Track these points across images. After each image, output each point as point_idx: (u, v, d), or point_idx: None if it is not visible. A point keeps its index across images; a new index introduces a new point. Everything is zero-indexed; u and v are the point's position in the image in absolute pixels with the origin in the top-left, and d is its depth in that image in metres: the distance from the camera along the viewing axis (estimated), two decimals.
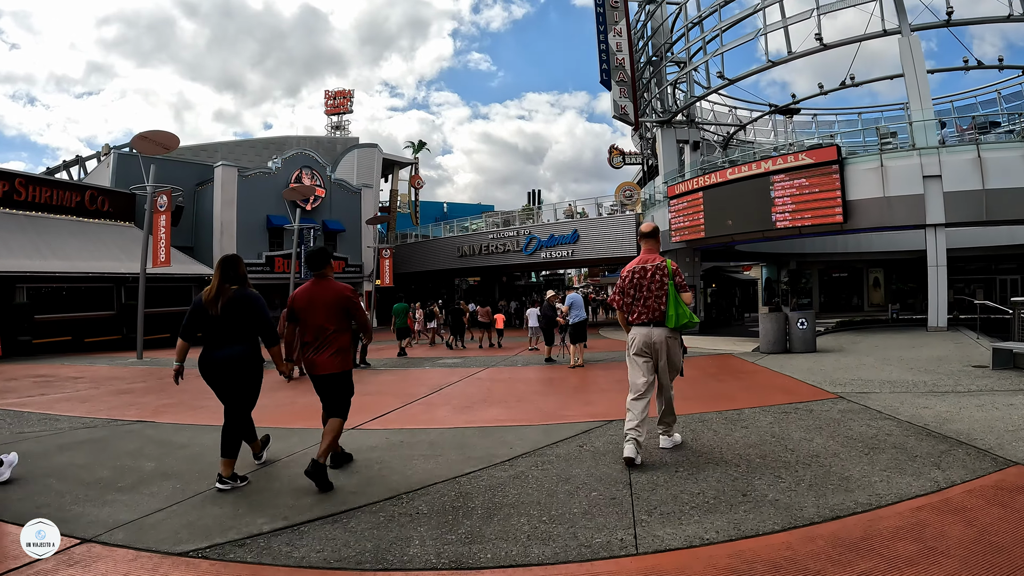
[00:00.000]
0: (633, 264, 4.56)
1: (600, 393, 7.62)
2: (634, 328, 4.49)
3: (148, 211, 15.96)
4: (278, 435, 5.36)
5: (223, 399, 4.18)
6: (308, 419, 5.93)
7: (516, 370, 10.92)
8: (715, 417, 5.83)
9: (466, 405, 6.84)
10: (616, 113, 22.87)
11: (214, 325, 4.02)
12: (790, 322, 13.03)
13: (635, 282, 4.44)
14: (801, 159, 16.91)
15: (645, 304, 4.41)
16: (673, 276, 4.41)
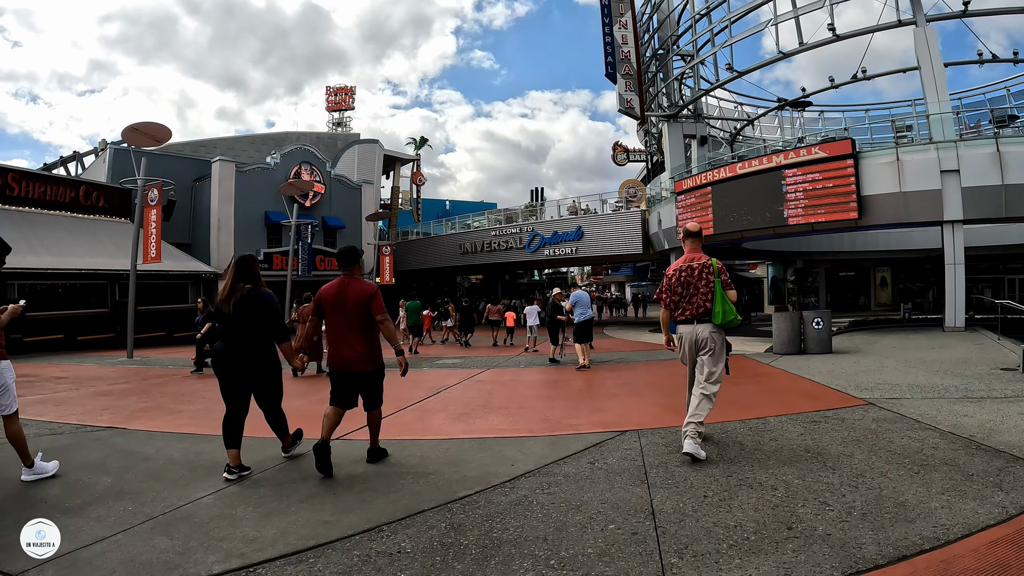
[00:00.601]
0: (679, 263, 4.64)
1: (609, 398, 7.06)
2: (680, 325, 4.60)
3: (139, 205, 15.46)
4: (249, 445, 4.83)
5: (230, 399, 4.21)
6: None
7: (519, 372, 10.37)
8: (739, 427, 5.28)
9: (464, 412, 6.30)
10: (621, 107, 22.31)
11: (228, 323, 4.11)
12: (805, 322, 12.47)
13: (682, 280, 4.52)
14: (814, 152, 16.32)
15: (691, 301, 4.50)
16: (719, 274, 4.49)
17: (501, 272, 38.42)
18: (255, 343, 4.13)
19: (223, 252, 25.56)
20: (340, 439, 5.15)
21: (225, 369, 4.14)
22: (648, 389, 7.75)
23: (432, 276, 35.35)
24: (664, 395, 7.21)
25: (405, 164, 43.78)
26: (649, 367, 10.65)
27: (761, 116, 25.61)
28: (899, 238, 32.09)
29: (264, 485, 3.93)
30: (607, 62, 23.00)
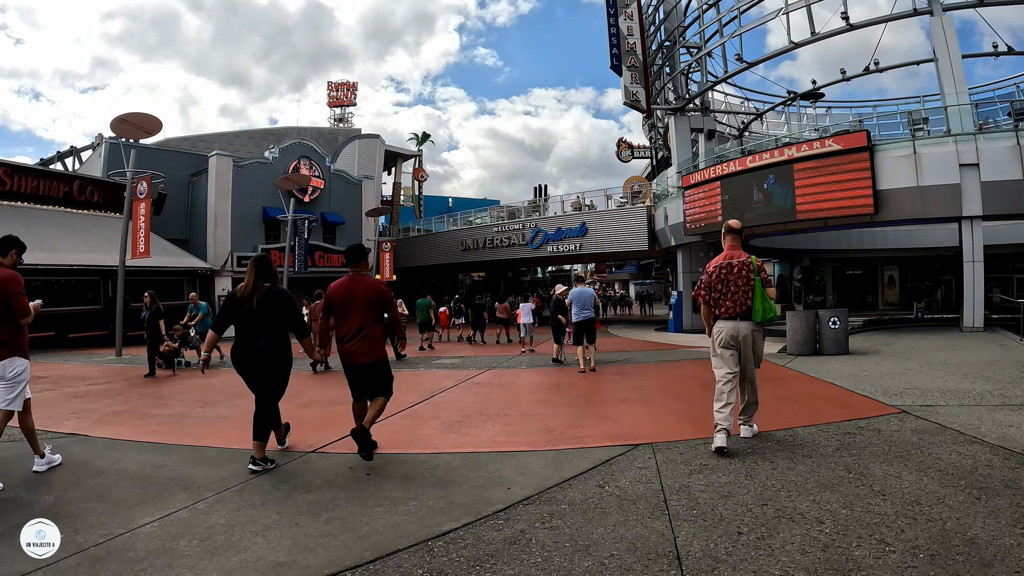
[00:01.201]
0: (718, 260, 4.64)
1: (618, 404, 6.48)
2: (720, 322, 4.60)
3: (128, 198, 14.95)
4: (212, 457, 4.29)
5: (254, 389, 4.39)
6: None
7: (519, 373, 9.80)
8: (765, 439, 4.71)
9: (457, 419, 5.73)
10: (627, 100, 21.67)
11: (249, 319, 4.27)
12: (821, 321, 11.89)
13: (721, 277, 4.55)
14: (828, 145, 15.69)
15: (732, 299, 4.51)
16: (758, 271, 4.53)
17: (504, 269, 37.83)
18: (273, 337, 4.32)
19: (219, 248, 25.05)
20: (316, 452, 4.61)
21: (246, 362, 4.32)
22: (659, 394, 7.18)
23: (434, 273, 34.78)
24: (677, 401, 6.64)
25: (407, 160, 43.15)
26: (658, 369, 10.07)
27: (770, 110, 24.93)
28: (908, 236, 31.48)
29: (219, 510, 3.38)
30: (612, 54, 22.34)
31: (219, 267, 24.58)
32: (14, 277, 4.08)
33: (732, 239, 4.76)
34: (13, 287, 4.03)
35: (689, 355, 12.12)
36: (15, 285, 4.05)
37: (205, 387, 8.74)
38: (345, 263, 4.70)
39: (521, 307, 14.27)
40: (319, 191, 28.51)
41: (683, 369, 9.88)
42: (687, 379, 8.48)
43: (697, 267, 20.78)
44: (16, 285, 4.06)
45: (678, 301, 20.62)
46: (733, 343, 4.55)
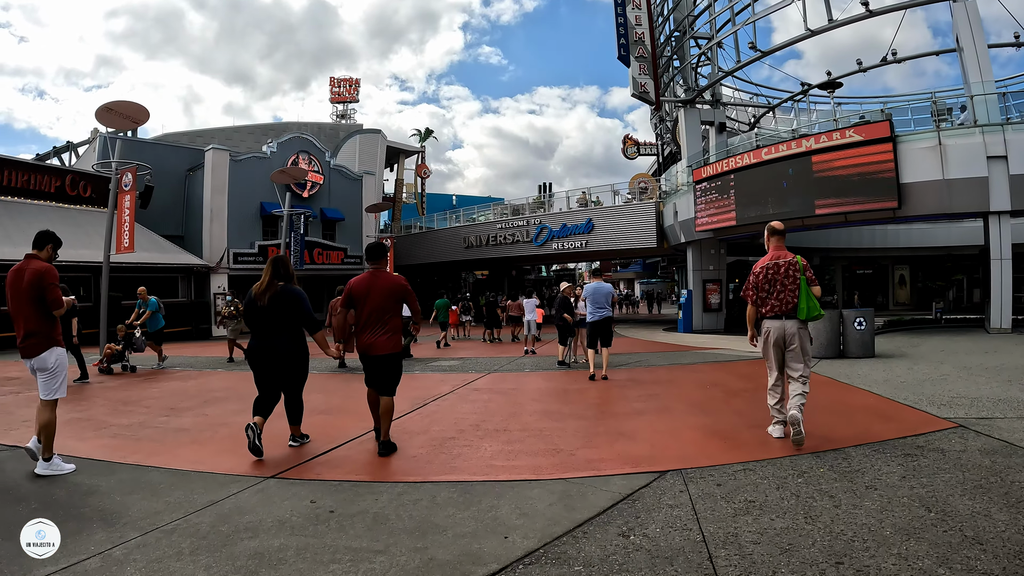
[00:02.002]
0: (765, 260, 4.74)
1: (634, 417, 5.69)
2: (767, 321, 4.70)
3: (112, 191, 14.27)
4: (157, 481, 3.54)
5: (262, 385, 4.53)
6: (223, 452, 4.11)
7: (522, 378, 9.03)
8: (815, 465, 3.95)
9: (450, 435, 4.96)
10: (635, 91, 20.87)
11: (262, 316, 4.45)
12: (845, 322, 11.13)
13: (769, 277, 4.66)
14: (849, 136, 14.88)
15: (779, 298, 4.62)
16: (804, 271, 4.63)
17: (507, 267, 37.01)
18: (287, 334, 4.49)
19: (215, 244, 24.36)
20: (277, 477, 3.87)
21: (260, 359, 4.50)
22: (680, 403, 6.40)
23: (436, 271, 34.04)
24: (700, 412, 5.87)
25: (410, 156, 42.43)
26: (673, 373, 9.30)
27: (783, 103, 24.08)
28: (920, 235, 30.63)
29: (137, 559, 2.65)
30: (620, 44, 21.55)
31: (214, 264, 23.90)
32: (49, 270, 4.24)
33: (777, 240, 4.84)
34: (48, 279, 4.19)
35: (704, 357, 11.35)
36: (50, 278, 4.20)
37: (178, 392, 8.06)
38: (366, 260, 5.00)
39: (525, 303, 13.52)
40: (318, 187, 27.81)
41: (701, 374, 9.12)
42: (707, 386, 7.71)
43: (708, 265, 20.00)
44: (51, 278, 4.21)
45: (688, 300, 19.85)
46: (781, 342, 4.64)
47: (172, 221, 25.81)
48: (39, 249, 4.36)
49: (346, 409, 6.34)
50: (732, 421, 5.35)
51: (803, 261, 4.68)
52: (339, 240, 28.60)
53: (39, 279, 4.15)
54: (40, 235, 4.42)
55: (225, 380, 9.42)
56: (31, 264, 4.24)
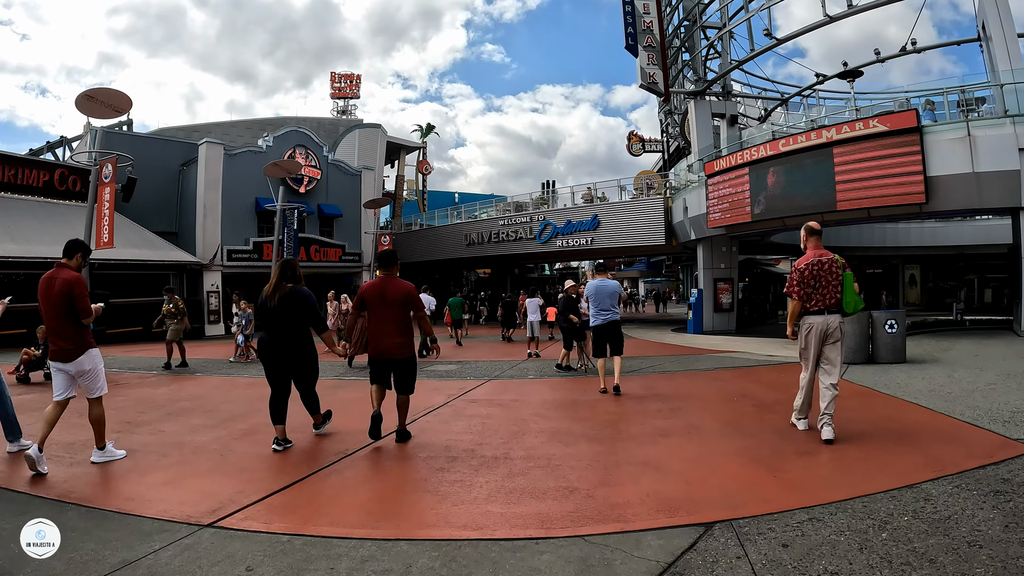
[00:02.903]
0: (808, 259, 4.91)
1: (659, 440, 4.84)
2: (810, 316, 4.86)
3: (92, 183, 13.48)
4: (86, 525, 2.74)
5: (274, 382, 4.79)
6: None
7: (525, 386, 8.19)
8: (895, 511, 3.13)
9: (438, 466, 4.12)
10: (644, 82, 20.01)
11: (271, 316, 4.72)
12: (875, 325, 10.30)
13: (813, 273, 4.82)
14: (872, 126, 14.00)
15: (822, 293, 4.79)
16: (844, 268, 4.88)
17: (510, 265, 36.16)
18: (295, 333, 4.68)
19: (209, 240, 23.60)
20: (214, 526, 3.07)
21: (270, 356, 4.73)
22: (709, 420, 5.57)
23: (437, 269, 33.19)
24: (735, 432, 5.03)
25: (411, 152, 41.59)
26: (693, 381, 8.46)
27: (801, 92, 23.12)
28: (932, 234, 29.82)
29: None
30: (628, 33, 20.68)
31: (207, 261, 23.13)
32: (79, 280, 4.36)
33: (815, 240, 5.05)
34: (78, 289, 4.29)
35: (721, 362, 10.52)
36: (79, 288, 4.31)
37: (143, 401, 7.30)
38: (377, 266, 5.07)
39: (528, 303, 12.69)
40: (316, 182, 27.01)
41: (723, 382, 8.28)
42: (733, 397, 6.88)
43: (719, 263, 19.14)
44: (80, 287, 4.33)
45: (698, 300, 18.99)
46: (823, 334, 4.82)
47: (166, 217, 25.09)
48: (68, 258, 4.47)
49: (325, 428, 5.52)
50: (775, 445, 4.53)
51: (842, 259, 4.92)
52: (337, 237, 27.81)
53: (69, 288, 4.25)
54: (69, 244, 4.54)
55: (199, 387, 8.63)
56: (61, 273, 4.34)
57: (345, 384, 8.57)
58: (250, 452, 4.56)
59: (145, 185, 25.02)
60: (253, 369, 10.63)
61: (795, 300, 4.90)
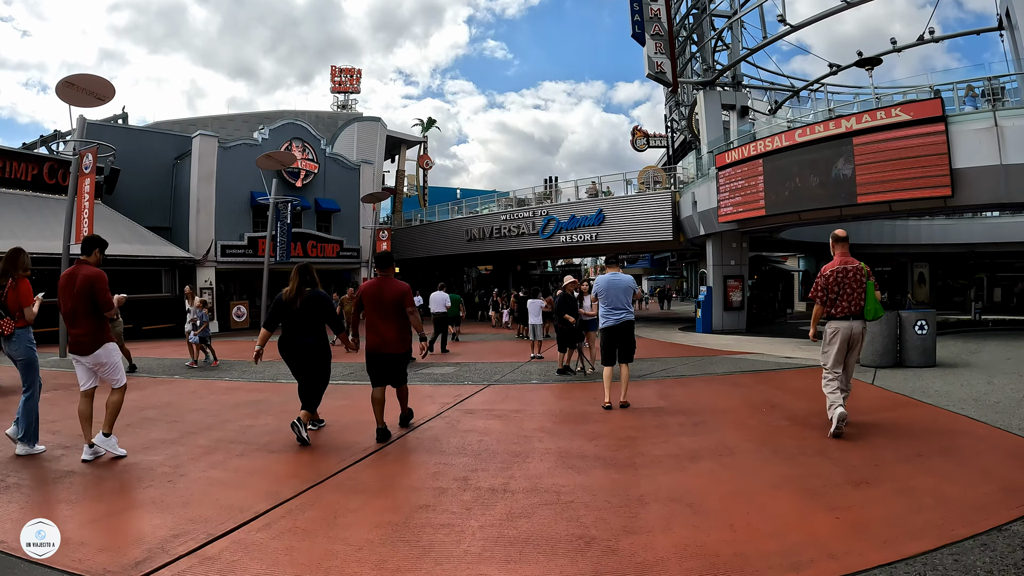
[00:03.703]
0: (833, 266, 5.12)
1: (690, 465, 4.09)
2: (835, 321, 5.06)
3: (72, 173, 12.84)
4: None
5: (297, 375, 5.15)
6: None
7: (527, 393, 7.48)
8: (991, 569, 2.43)
9: (423, 501, 3.37)
10: (651, 71, 19.23)
11: (293, 317, 5.05)
12: (904, 325, 9.59)
13: (838, 280, 5.04)
14: (894, 115, 13.25)
15: (847, 300, 5.02)
16: (868, 276, 5.12)
17: (512, 262, 35.43)
18: (314, 332, 5.10)
19: (202, 236, 22.90)
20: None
21: (291, 354, 5.09)
22: (741, 439, 4.85)
23: (438, 265, 32.47)
24: (777, 455, 4.30)
25: (411, 147, 40.83)
26: (713, 388, 7.74)
27: (820, 79, 22.27)
28: (942, 231, 29.11)
29: None
30: (634, 21, 19.91)
31: (201, 257, 22.44)
32: (100, 275, 4.44)
33: (842, 247, 5.22)
34: (99, 284, 4.40)
35: (738, 365, 9.81)
36: (100, 283, 4.41)
37: None
38: (375, 266, 5.44)
39: (529, 304, 11.96)
40: (313, 176, 26.29)
41: (746, 389, 7.57)
42: (761, 408, 6.17)
43: (729, 260, 18.39)
44: (101, 283, 4.42)
45: (707, 298, 18.27)
46: (847, 340, 5.03)
47: (159, 212, 24.42)
48: (87, 255, 4.56)
49: (287, 446, 4.82)
50: (824, 471, 3.83)
51: (866, 267, 5.14)
52: (335, 232, 27.10)
53: (91, 284, 4.36)
54: (87, 241, 4.64)
55: (173, 392, 7.94)
56: (82, 270, 4.44)
57: (330, 389, 7.92)
58: (203, 477, 3.86)
59: (138, 179, 24.45)
60: (234, 372, 9.96)
61: (819, 304, 5.15)
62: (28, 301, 4.60)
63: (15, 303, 4.53)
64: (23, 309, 4.55)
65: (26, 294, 4.59)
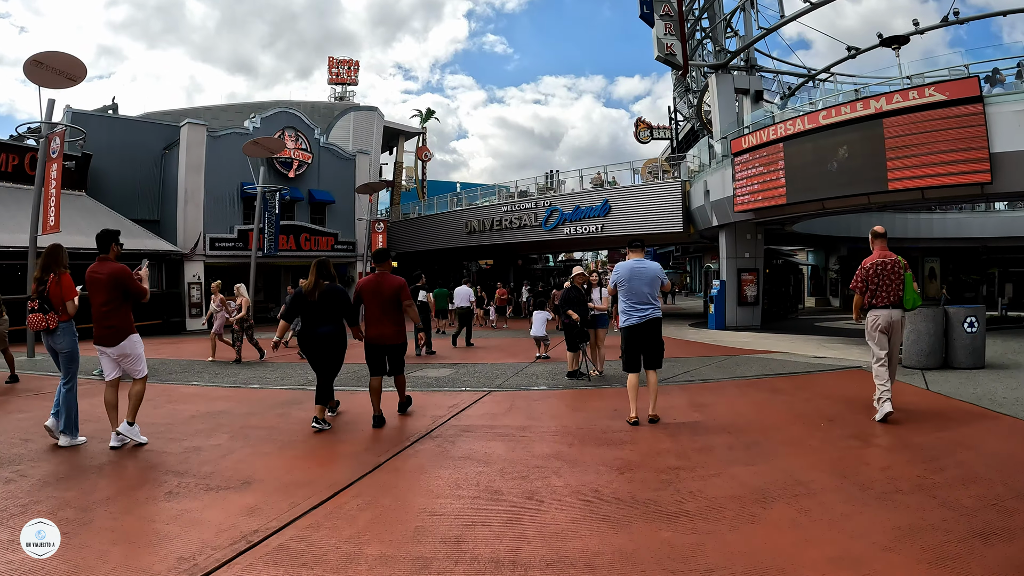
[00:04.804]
0: (873, 259, 5.44)
1: (762, 515, 3.03)
2: (876, 310, 5.36)
3: (40, 159, 11.87)
4: None
5: (315, 365, 5.47)
6: None
7: (535, 403, 6.46)
8: None
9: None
10: (660, 53, 18.20)
11: (312, 309, 5.37)
12: (951, 323, 8.62)
13: (877, 272, 5.36)
14: (928, 95, 12.22)
15: (887, 290, 5.32)
16: (905, 269, 5.41)
17: (513, 256, 34.39)
18: (331, 324, 5.37)
19: (191, 228, 21.88)
20: None
21: (310, 344, 5.41)
22: (809, 464, 3.90)
23: (437, 259, 31.45)
24: (864, 491, 3.29)
25: (410, 139, 39.74)
26: (748, 394, 6.75)
27: (828, 69, 21.24)
28: (955, 225, 28.21)
29: None
30: (642, 1, 18.88)
31: (188, 250, 21.43)
32: (123, 269, 4.60)
33: (881, 242, 5.52)
34: (128, 278, 4.61)
35: (767, 366, 8.81)
36: (128, 276, 4.62)
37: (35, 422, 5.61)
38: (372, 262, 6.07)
39: (535, 315, 10.68)
40: (306, 166, 25.25)
41: (786, 396, 6.59)
42: (817, 421, 5.18)
43: (743, 252, 17.39)
44: (128, 275, 4.62)
45: (720, 292, 17.27)
46: (888, 328, 5.33)
47: (147, 205, 23.43)
48: (105, 252, 4.63)
49: (238, 476, 3.84)
50: (940, 520, 2.84)
51: (903, 260, 5.46)
52: (329, 225, 26.08)
53: (119, 280, 4.52)
54: (101, 237, 4.69)
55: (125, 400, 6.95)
56: (105, 267, 4.54)
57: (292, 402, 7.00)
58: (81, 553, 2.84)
59: (126, 171, 23.42)
60: (207, 375, 9.00)
61: (859, 295, 5.52)
62: (71, 295, 4.73)
63: (58, 298, 4.66)
64: (65, 303, 4.68)
65: (68, 288, 4.72)
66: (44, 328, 4.66)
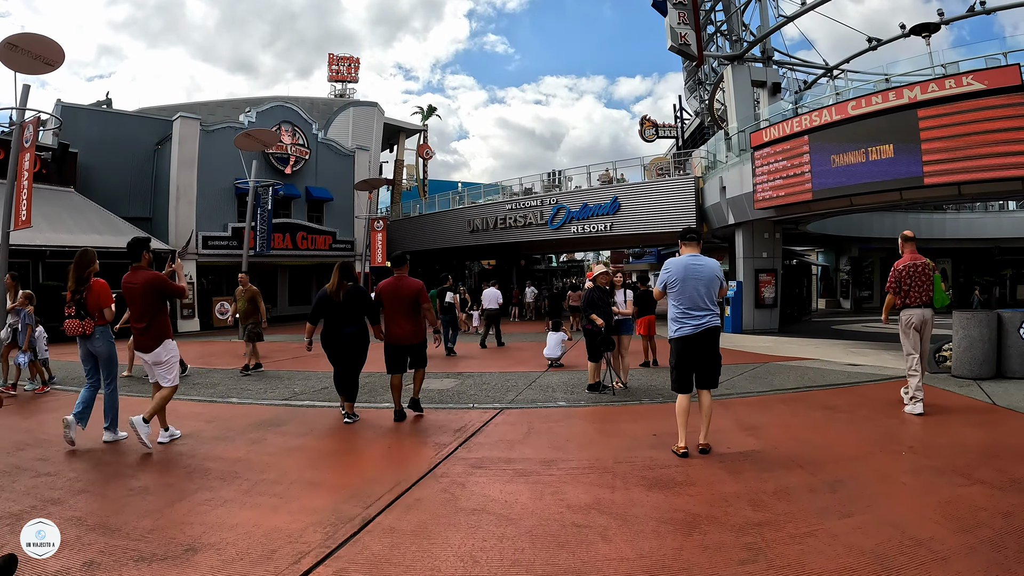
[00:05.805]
0: (905, 262, 5.93)
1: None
2: (909, 309, 5.85)
3: (13, 148, 11.04)
4: None
5: (337, 364, 5.70)
6: None
7: (556, 424, 5.57)
8: None
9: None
10: (674, 43, 17.36)
11: (336, 309, 5.60)
12: (1005, 329, 7.81)
13: (910, 274, 5.83)
14: (966, 84, 11.39)
15: (918, 291, 5.79)
16: (934, 271, 5.89)
17: (516, 256, 33.53)
18: (354, 323, 5.62)
19: (183, 225, 21.07)
20: None
21: (333, 343, 5.61)
22: (920, 515, 3.07)
23: (438, 259, 30.61)
24: (997, 552, 2.51)
25: (410, 136, 38.90)
26: (800, 412, 5.89)
27: (847, 61, 20.38)
28: (968, 225, 27.44)
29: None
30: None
31: (180, 248, 20.56)
32: (157, 276, 4.83)
33: (911, 246, 6.01)
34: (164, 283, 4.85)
35: (804, 376, 7.97)
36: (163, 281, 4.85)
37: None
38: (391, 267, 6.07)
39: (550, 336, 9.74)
40: (304, 162, 24.44)
41: (846, 414, 5.73)
42: (896, 449, 4.35)
43: (761, 251, 16.55)
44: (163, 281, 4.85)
45: (736, 294, 16.43)
46: (920, 325, 5.80)
47: (139, 202, 22.65)
48: (137, 260, 4.84)
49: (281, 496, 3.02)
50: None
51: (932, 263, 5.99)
52: (327, 223, 25.24)
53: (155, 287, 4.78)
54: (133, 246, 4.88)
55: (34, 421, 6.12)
56: (139, 275, 4.78)
57: (273, 423, 6.16)
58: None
59: (117, 167, 22.59)
60: (184, 385, 8.15)
61: (892, 295, 6.00)
62: (108, 302, 4.81)
63: (95, 304, 4.76)
64: (102, 310, 4.79)
65: (105, 296, 4.82)
66: (81, 333, 4.72)
